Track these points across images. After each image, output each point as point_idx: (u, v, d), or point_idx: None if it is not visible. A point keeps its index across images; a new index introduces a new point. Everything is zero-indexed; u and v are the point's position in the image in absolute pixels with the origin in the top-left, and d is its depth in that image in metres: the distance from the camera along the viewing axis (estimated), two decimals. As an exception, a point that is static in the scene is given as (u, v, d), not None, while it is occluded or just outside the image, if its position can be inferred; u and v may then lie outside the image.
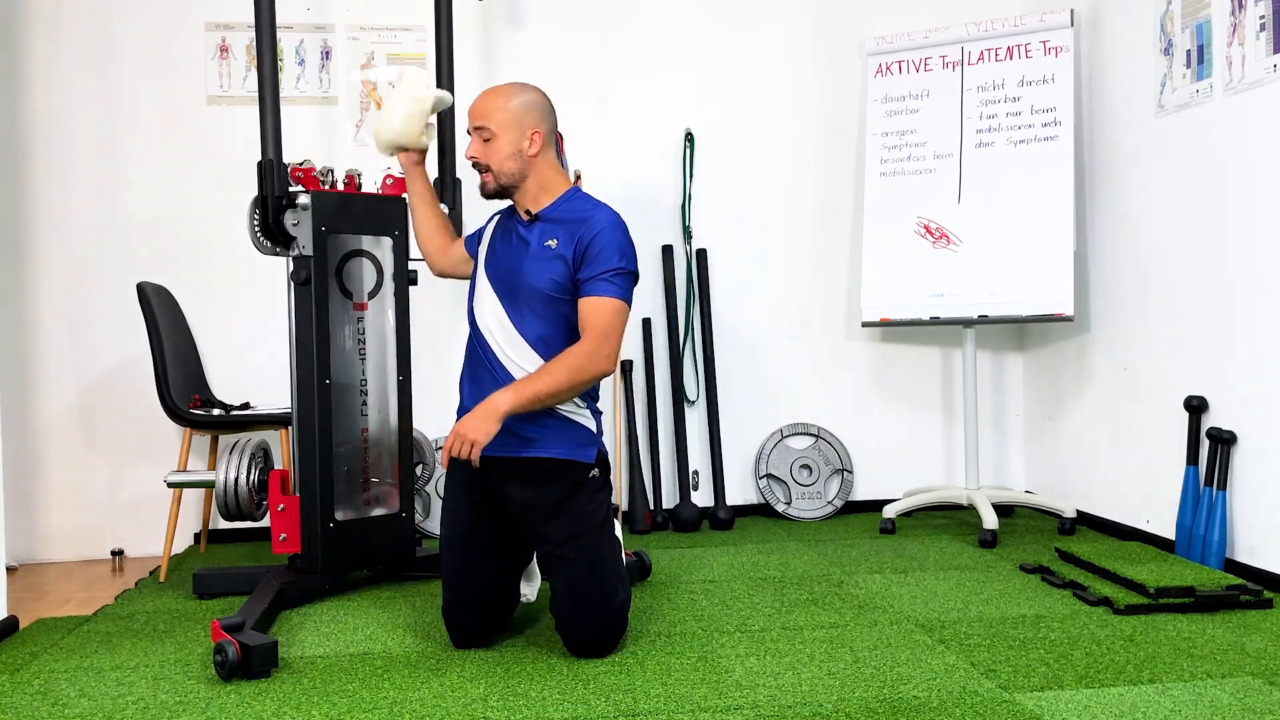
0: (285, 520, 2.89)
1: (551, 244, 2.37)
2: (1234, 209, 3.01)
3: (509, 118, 2.41)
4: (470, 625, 2.42)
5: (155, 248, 3.76)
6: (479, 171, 2.45)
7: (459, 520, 2.43)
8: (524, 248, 2.41)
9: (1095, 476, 3.74)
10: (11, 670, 2.37)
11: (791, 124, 4.12)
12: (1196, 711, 1.97)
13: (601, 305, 2.32)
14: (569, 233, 2.37)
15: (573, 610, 2.32)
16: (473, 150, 2.43)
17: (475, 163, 2.44)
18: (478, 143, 2.43)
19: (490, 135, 2.41)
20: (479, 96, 2.47)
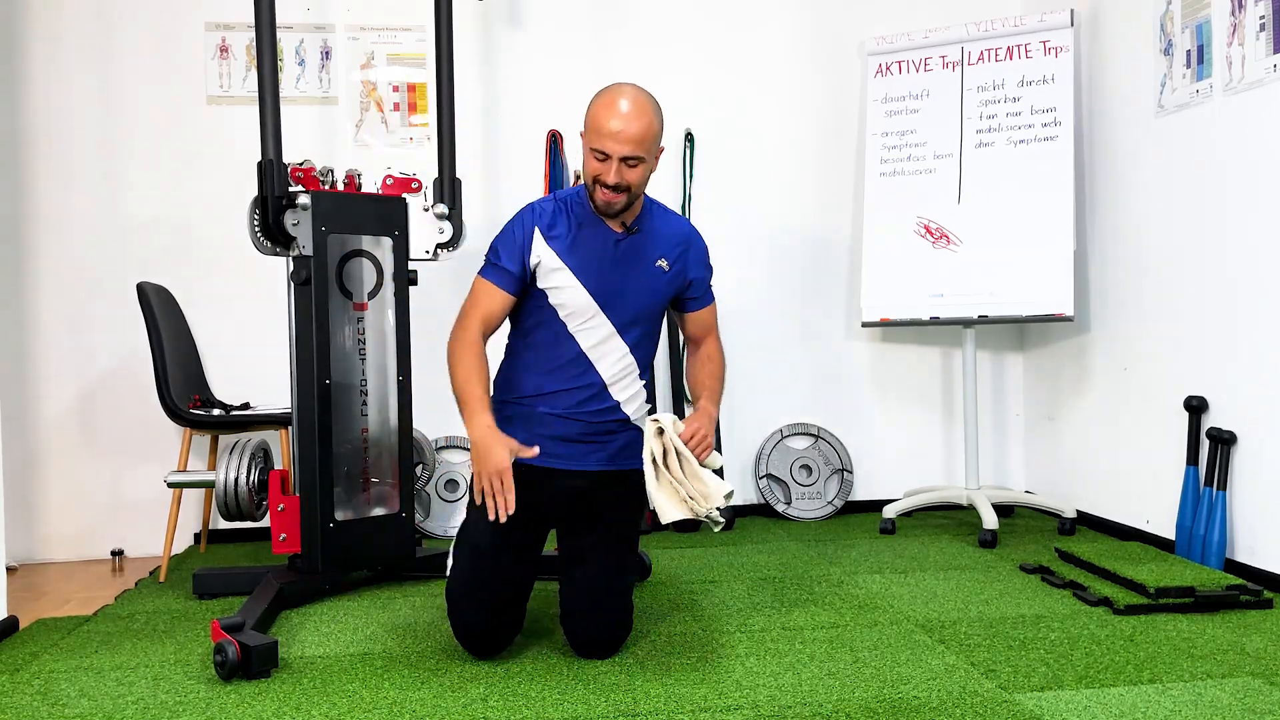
0: (285, 520, 2.89)
1: (663, 265, 2.42)
2: (1234, 209, 3.01)
3: (655, 142, 2.31)
4: (504, 634, 2.34)
5: (155, 248, 3.76)
6: (614, 193, 2.27)
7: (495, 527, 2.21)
8: (631, 264, 2.38)
9: (1095, 476, 3.74)
10: (11, 670, 2.37)
11: (791, 124, 4.12)
12: (1196, 711, 1.97)
13: (712, 312, 2.56)
14: (677, 253, 2.44)
15: (589, 611, 2.33)
16: (615, 177, 2.25)
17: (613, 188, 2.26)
18: (622, 169, 2.25)
19: (641, 161, 2.28)
20: (627, 121, 2.24)
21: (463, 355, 2.29)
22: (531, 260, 2.33)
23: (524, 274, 2.34)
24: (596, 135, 2.25)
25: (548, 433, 2.34)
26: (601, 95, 2.31)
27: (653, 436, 2.26)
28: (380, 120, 3.90)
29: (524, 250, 2.34)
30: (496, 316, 2.35)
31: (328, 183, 3.01)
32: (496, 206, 3.95)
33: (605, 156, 2.25)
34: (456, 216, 3.18)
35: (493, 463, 2.14)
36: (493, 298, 2.34)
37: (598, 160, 2.26)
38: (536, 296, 2.36)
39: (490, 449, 2.15)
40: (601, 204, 2.31)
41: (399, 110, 3.91)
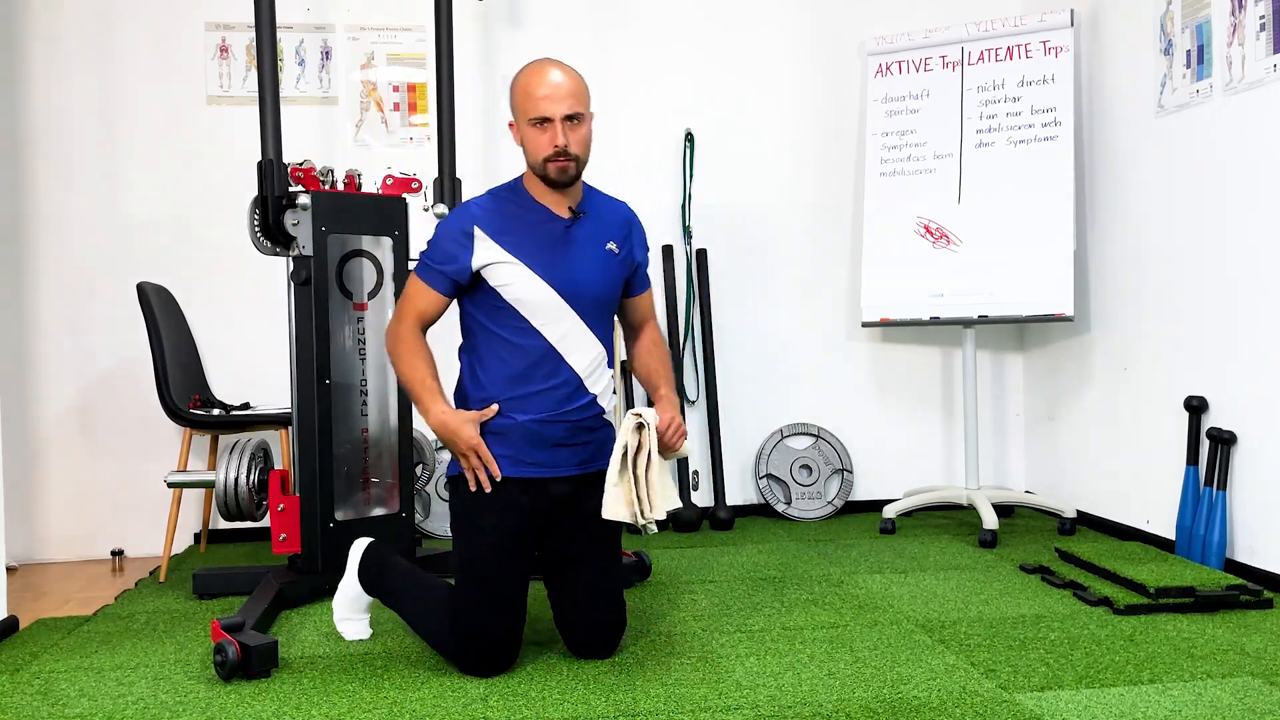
0: (285, 520, 2.89)
1: (613, 248, 2.38)
2: (1234, 209, 3.01)
3: (589, 98, 2.28)
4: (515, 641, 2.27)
5: (155, 248, 3.76)
6: (565, 159, 2.23)
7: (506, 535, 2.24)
8: (584, 249, 2.33)
9: (1095, 476, 3.74)
10: (11, 670, 2.37)
11: (791, 124, 4.12)
12: (1196, 711, 1.97)
13: (651, 297, 2.56)
14: (623, 235, 2.42)
15: (587, 611, 2.33)
16: (564, 139, 2.20)
17: (564, 152, 2.21)
18: (566, 130, 2.21)
19: (582, 118, 2.24)
20: (553, 72, 2.22)
21: (403, 348, 2.31)
22: (476, 261, 2.25)
23: (462, 275, 2.27)
24: (532, 104, 2.21)
25: (529, 443, 2.27)
26: (520, 75, 2.28)
27: (630, 430, 2.21)
28: (380, 120, 3.90)
29: (463, 251, 2.26)
30: (431, 316, 2.33)
31: (328, 183, 3.01)
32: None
33: (546, 121, 2.21)
34: (456, 216, 3.17)
35: (464, 440, 2.23)
36: (428, 298, 2.30)
37: (540, 130, 2.22)
38: (490, 296, 2.28)
39: (457, 429, 2.23)
40: (556, 174, 2.25)
41: (399, 110, 3.91)
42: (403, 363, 2.32)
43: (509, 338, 2.28)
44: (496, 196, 2.36)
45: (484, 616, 2.22)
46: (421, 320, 2.32)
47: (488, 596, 2.22)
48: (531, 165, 2.30)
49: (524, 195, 2.34)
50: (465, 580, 2.28)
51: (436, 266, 2.29)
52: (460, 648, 2.23)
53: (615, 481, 2.21)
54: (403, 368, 2.32)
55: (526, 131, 2.25)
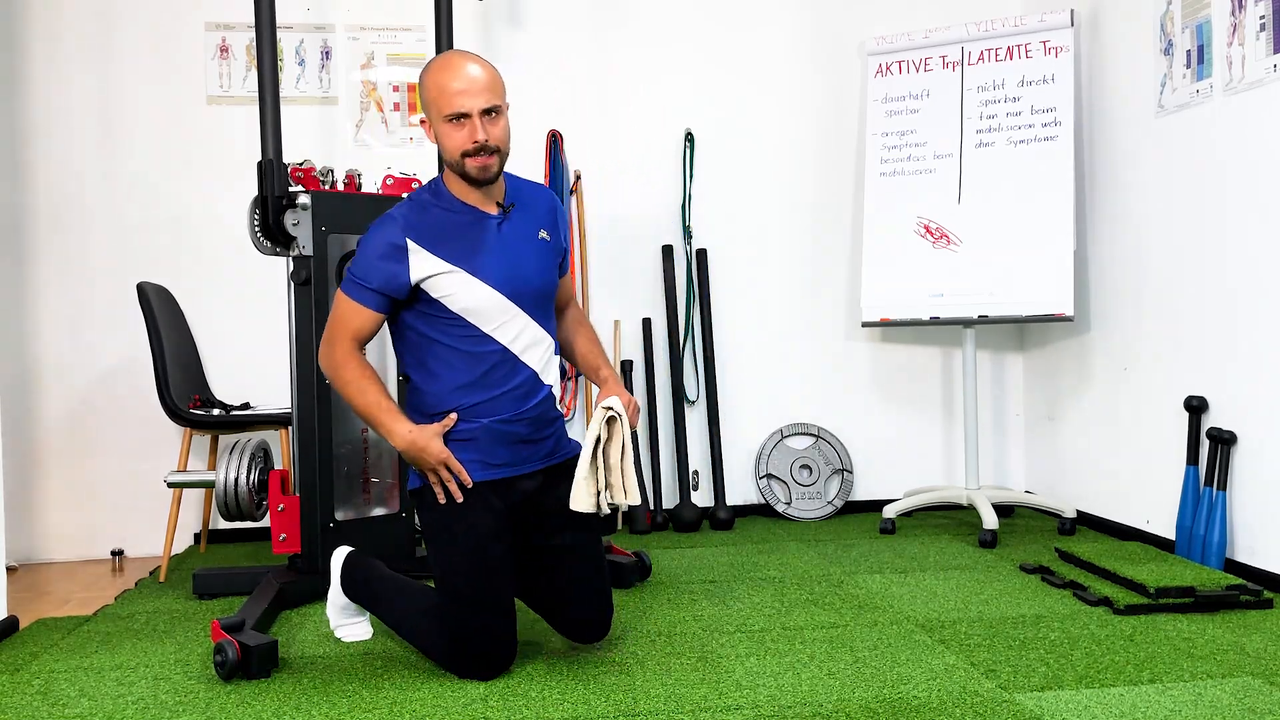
0: (285, 520, 2.89)
1: (545, 236, 2.33)
2: (1234, 209, 3.01)
3: (504, 89, 2.21)
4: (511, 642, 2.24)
5: (155, 248, 3.76)
6: (485, 155, 2.17)
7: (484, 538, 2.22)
8: (519, 244, 2.27)
9: (1095, 476, 3.74)
10: (11, 670, 2.37)
11: (791, 124, 4.12)
12: (1196, 711, 1.97)
13: (571, 277, 2.53)
14: (550, 221, 2.36)
15: (579, 596, 2.33)
16: (484, 133, 2.14)
17: (484, 147, 2.15)
18: (486, 124, 2.15)
19: (500, 111, 2.18)
20: (468, 66, 2.16)
21: (347, 372, 2.23)
22: (413, 275, 2.18)
23: (399, 291, 2.20)
24: (446, 100, 2.14)
25: (494, 444, 2.25)
26: (430, 71, 2.20)
27: (601, 423, 2.20)
28: (380, 120, 3.90)
29: (396, 266, 2.18)
30: (366, 336, 2.25)
31: (328, 183, 3.01)
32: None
33: (463, 116, 2.14)
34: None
35: (434, 455, 2.19)
36: (361, 316, 2.22)
37: (458, 127, 2.15)
38: (432, 308, 2.21)
39: (425, 445, 2.19)
40: (476, 172, 2.18)
41: (399, 110, 3.91)
42: (350, 387, 2.23)
43: (459, 346, 2.23)
44: (418, 203, 2.25)
45: (477, 622, 2.20)
46: (357, 340, 2.24)
47: (478, 603, 2.20)
48: (450, 164, 2.21)
49: (447, 197, 2.25)
50: (452, 590, 2.22)
51: (369, 285, 2.19)
52: (457, 655, 2.22)
53: (585, 475, 2.19)
54: (351, 392, 2.23)
55: (442, 128, 2.17)
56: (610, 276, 4.04)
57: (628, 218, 4.05)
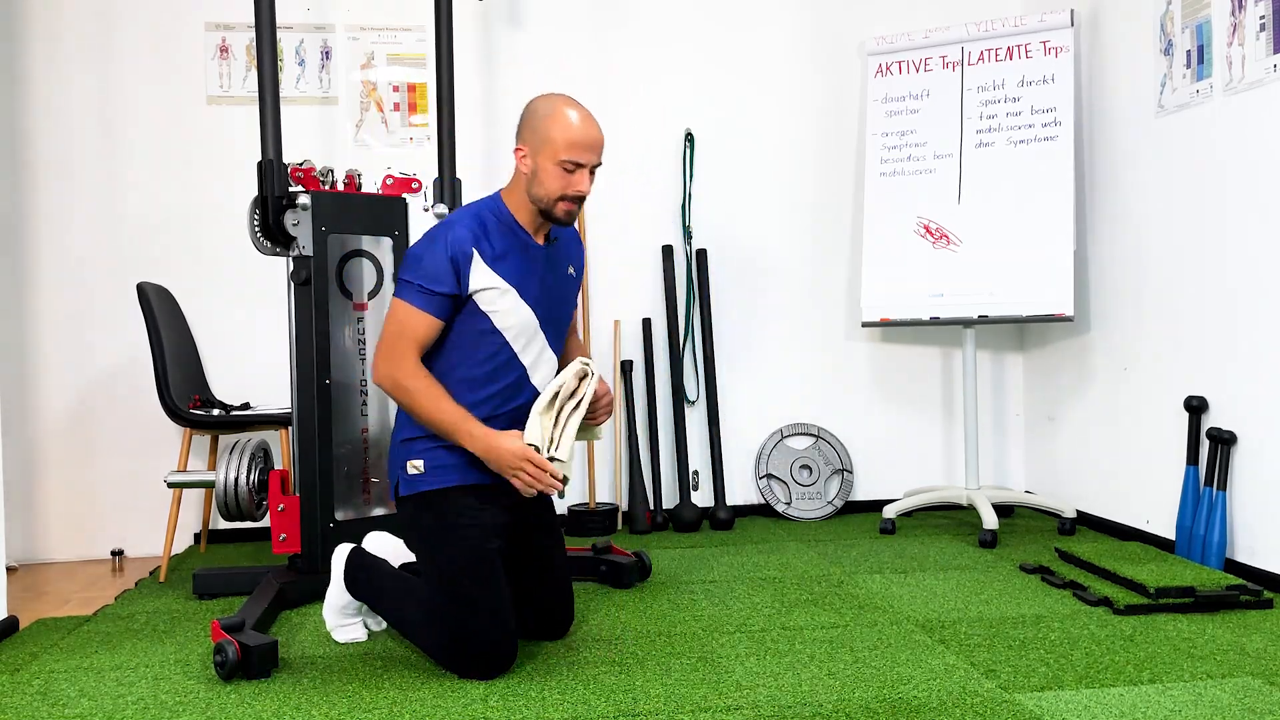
0: (285, 520, 2.89)
1: (572, 271, 2.47)
2: (1234, 209, 3.01)
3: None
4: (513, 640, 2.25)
5: (155, 248, 3.76)
6: (577, 204, 2.29)
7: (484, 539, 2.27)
8: (555, 276, 2.40)
9: (1095, 476, 3.74)
10: (11, 670, 2.37)
11: (791, 124, 4.12)
12: (1196, 711, 1.97)
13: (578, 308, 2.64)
14: (577, 258, 2.51)
15: (559, 594, 2.46)
16: (589, 185, 2.28)
17: (580, 198, 2.28)
18: (588, 179, 2.28)
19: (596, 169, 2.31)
20: (592, 127, 2.27)
21: (417, 384, 2.23)
22: (471, 285, 2.24)
23: (458, 299, 2.26)
24: (570, 148, 2.23)
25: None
26: (556, 110, 2.26)
27: (574, 375, 2.26)
28: (380, 120, 3.90)
29: (459, 274, 2.24)
30: (427, 343, 2.27)
31: (328, 183, 3.01)
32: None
33: (578, 167, 2.24)
34: (456, 216, 3.17)
35: (517, 454, 2.20)
36: (426, 324, 2.24)
37: (568, 172, 2.24)
38: (475, 319, 2.28)
39: (505, 448, 2.20)
40: (564, 216, 2.29)
41: (399, 110, 3.91)
42: (422, 397, 2.22)
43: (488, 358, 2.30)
44: (480, 218, 2.30)
45: (478, 623, 2.21)
46: (421, 350, 2.26)
47: (479, 603, 2.21)
48: (539, 198, 2.28)
49: (509, 219, 2.33)
50: (452, 591, 2.23)
51: (434, 290, 2.23)
52: (458, 655, 2.22)
53: (542, 410, 2.25)
54: (423, 403, 2.22)
55: (549, 168, 2.25)
56: (610, 276, 4.04)
57: (627, 217, 4.05)
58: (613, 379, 4.02)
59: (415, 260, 2.26)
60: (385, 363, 2.25)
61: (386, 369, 2.25)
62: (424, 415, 2.24)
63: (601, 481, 4.02)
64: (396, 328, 2.25)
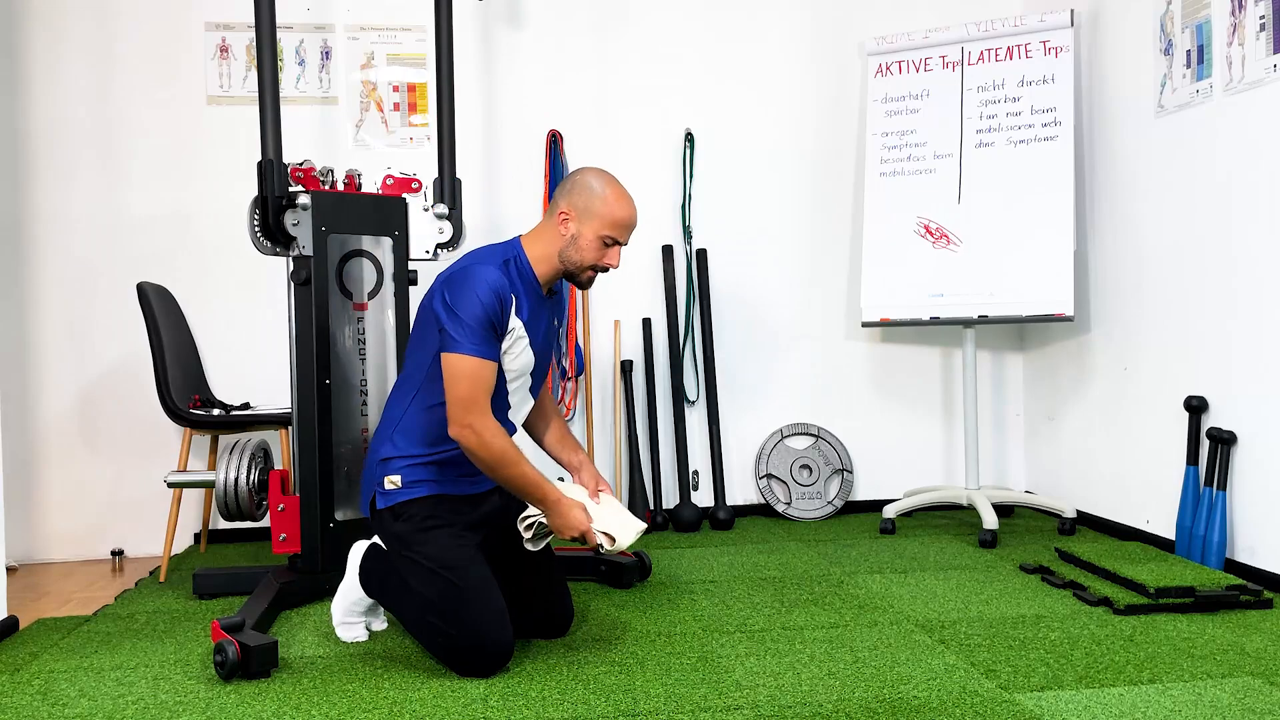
0: (285, 520, 2.89)
1: (557, 323, 2.60)
2: (1234, 209, 3.01)
3: None
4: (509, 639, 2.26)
5: (155, 248, 3.76)
6: (597, 274, 2.43)
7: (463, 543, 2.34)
8: (550, 327, 2.53)
9: (1095, 476, 3.74)
10: (11, 670, 2.37)
11: (791, 124, 4.12)
12: (1196, 711, 1.97)
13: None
14: (563, 312, 2.67)
15: (556, 591, 2.48)
16: (618, 261, 2.42)
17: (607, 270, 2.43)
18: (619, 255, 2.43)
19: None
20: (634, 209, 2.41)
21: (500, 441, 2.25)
22: (507, 329, 2.34)
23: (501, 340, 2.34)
24: (614, 226, 2.37)
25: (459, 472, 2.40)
26: (610, 188, 2.38)
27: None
28: (380, 120, 3.90)
29: (505, 319, 2.31)
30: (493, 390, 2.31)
31: (328, 183, 3.01)
32: (496, 206, 3.96)
33: (615, 243, 2.39)
34: (456, 216, 3.18)
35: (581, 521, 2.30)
36: (491, 371, 2.28)
37: (606, 246, 2.38)
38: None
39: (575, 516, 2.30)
40: (586, 282, 2.44)
41: (399, 110, 3.91)
42: (508, 459, 2.25)
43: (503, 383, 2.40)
44: (507, 267, 2.36)
45: (471, 617, 2.22)
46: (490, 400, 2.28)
47: (470, 596, 2.24)
48: (573, 261, 2.39)
49: (527, 266, 2.41)
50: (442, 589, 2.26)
51: (491, 334, 2.28)
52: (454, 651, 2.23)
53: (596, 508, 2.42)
54: (511, 466, 2.26)
55: (592, 239, 2.37)
56: (610, 276, 4.03)
57: (628, 218, 4.04)
58: (613, 379, 4.03)
59: (462, 305, 2.26)
60: (465, 417, 2.24)
61: (467, 423, 2.24)
62: (508, 474, 2.27)
63: (601, 481, 4.02)
64: (470, 381, 2.24)
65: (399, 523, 2.36)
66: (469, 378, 2.23)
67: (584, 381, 3.98)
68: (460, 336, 2.24)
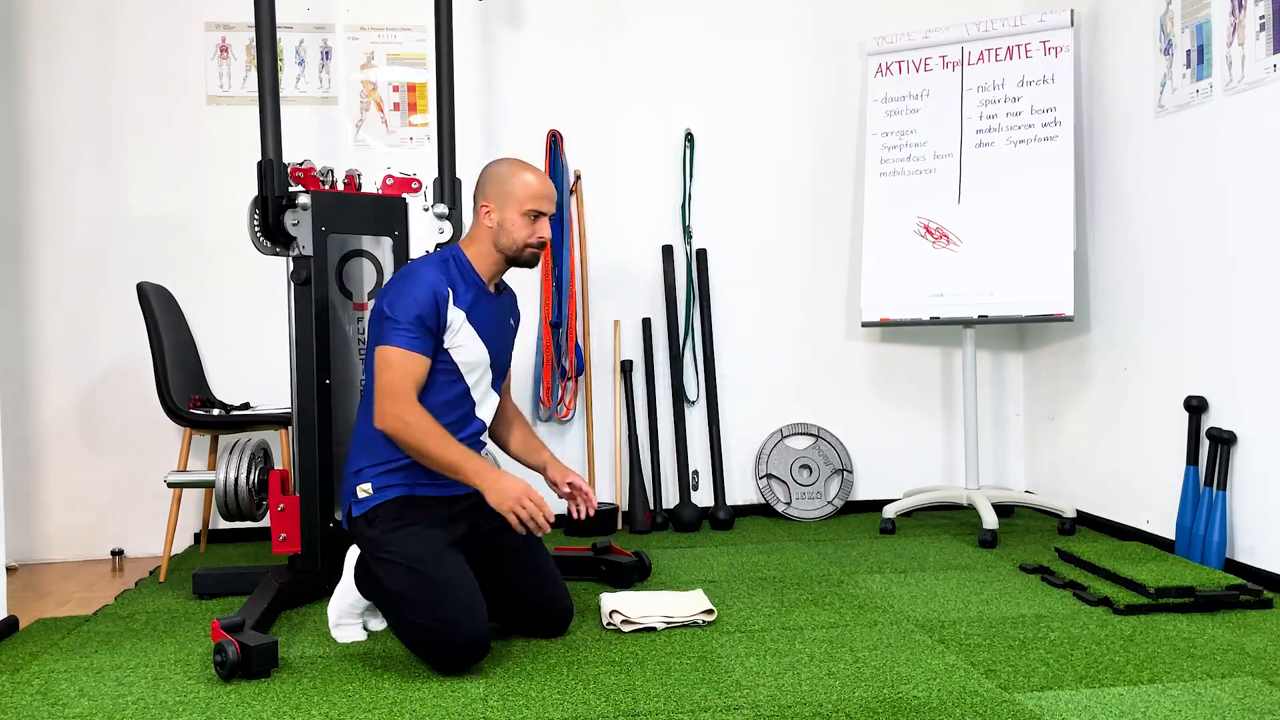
0: (285, 520, 2.89)
1: (511, 322, 2.66)
2: (1234, 209, 3.01)
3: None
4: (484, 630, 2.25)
5: (155, 248, 3.76)
6: (541, 249, 2.51)
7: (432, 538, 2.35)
8: (502, 323, 2.59)
9: (1095, 476, 3.74)
10: (11, 670, 2.37)
11: (791, 124, 4.12)
12: (1196, 711, 1.97)
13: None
14: (516, 312, 2.69)
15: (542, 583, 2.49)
16: (548, 233, 2.50)
17: (544, 243, 2.50)
18: (548, 226, 2.51)
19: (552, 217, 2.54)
20: (546, 180, 2.50)
21: (425, 423, 2.32)
22: (446, 323, 2.41)
23: (439, 337, 2.41)
24: (532, 199, 2.46)
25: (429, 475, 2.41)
26: (512, 167, 2.50)
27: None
28: (380, 120, 3.90)
29: (440, 313, 2.39)
30: (423, 384, 2.39)
31: (328, 183, 3.01)
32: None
33: (540, 215, 2.47)
34: (456, 216, 3.18)
35: (518, 488, 2.28)
36: (420, 364, 2.37)
37: (532, 221, 2.47)
38: (439, 355, 2.43)
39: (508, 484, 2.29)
40: (530, 259, 2.50)
41: (399, 110, 3.91)
42: (431, 439, 2.31)
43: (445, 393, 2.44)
44: (445, 264, 2.48)
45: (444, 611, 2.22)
46: (419, 391, 2.37)
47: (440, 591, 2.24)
48: (507, 246, 2.48)
49: (469, 268, 2.50)
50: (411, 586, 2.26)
51: (425, 326, 2.36)
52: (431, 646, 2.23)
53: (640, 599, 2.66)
54: (433, 444, 2.31)
55: (515, 218, 2.46)
56: (610, 276, 4.04)
57: (628, 218, 4.05)
58: (613, 379, 4.03)
59: (396, 305, 2.37)
60: (392, 405, 2.32)
61: (394, 410, 2.31)
62: (432, 453, 2.32)
63: (602, 481, 4.02)
64: (396, 372, 2.34)
65: (371, 527, 2.39)
66: (394, 368, 2.33)
67: (584, 381, 3.98)
68: (390, 330, 2.35)
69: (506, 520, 2.37)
